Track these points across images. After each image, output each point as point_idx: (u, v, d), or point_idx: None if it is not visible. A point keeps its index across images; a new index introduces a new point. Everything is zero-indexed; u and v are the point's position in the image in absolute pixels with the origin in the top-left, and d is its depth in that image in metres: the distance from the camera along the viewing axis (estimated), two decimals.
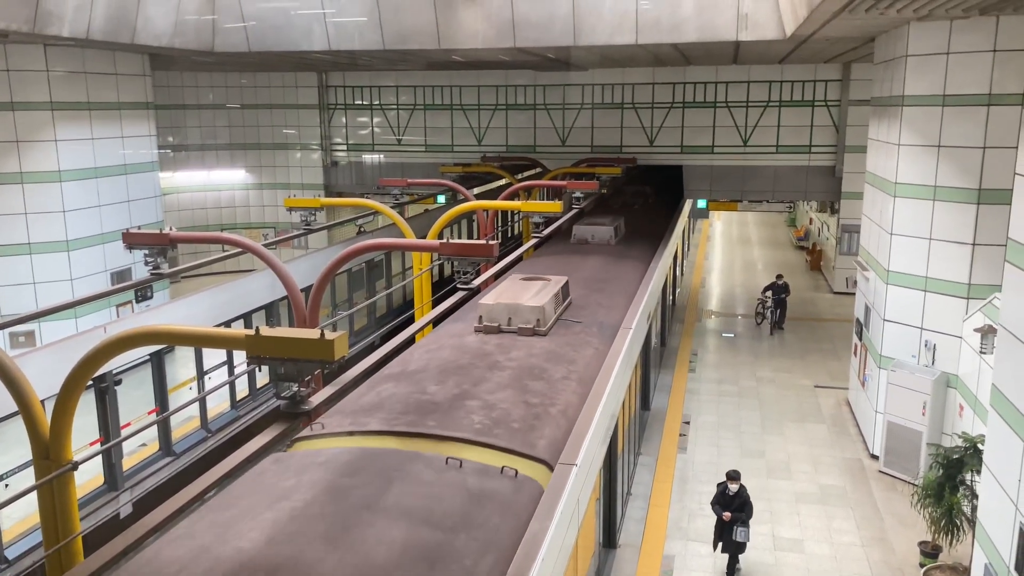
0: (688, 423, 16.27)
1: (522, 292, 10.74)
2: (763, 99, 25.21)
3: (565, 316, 11.16)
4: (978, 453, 10.47)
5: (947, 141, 12.81)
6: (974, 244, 12.65)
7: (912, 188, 13.40)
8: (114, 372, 11.22)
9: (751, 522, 11.01)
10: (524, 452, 6.87)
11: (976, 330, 11.64)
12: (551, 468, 6.74)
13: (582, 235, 17.37)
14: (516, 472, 6.45)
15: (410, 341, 8.42)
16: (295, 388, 5.84)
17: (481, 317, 10.29)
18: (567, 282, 11.78)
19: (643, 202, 23.69)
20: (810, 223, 36.74)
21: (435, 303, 14.62)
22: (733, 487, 11.05)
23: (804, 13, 12.51)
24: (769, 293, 23.23)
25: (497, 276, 12.79)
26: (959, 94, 12.57)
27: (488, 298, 10.49)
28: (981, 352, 11.52)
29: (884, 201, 14.35)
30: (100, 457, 11.08)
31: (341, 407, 7.84)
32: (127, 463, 11.65)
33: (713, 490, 11.53)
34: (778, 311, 23.01)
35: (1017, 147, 8.16)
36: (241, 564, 4.79)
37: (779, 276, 23.47)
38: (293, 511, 5.46)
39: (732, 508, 10.91)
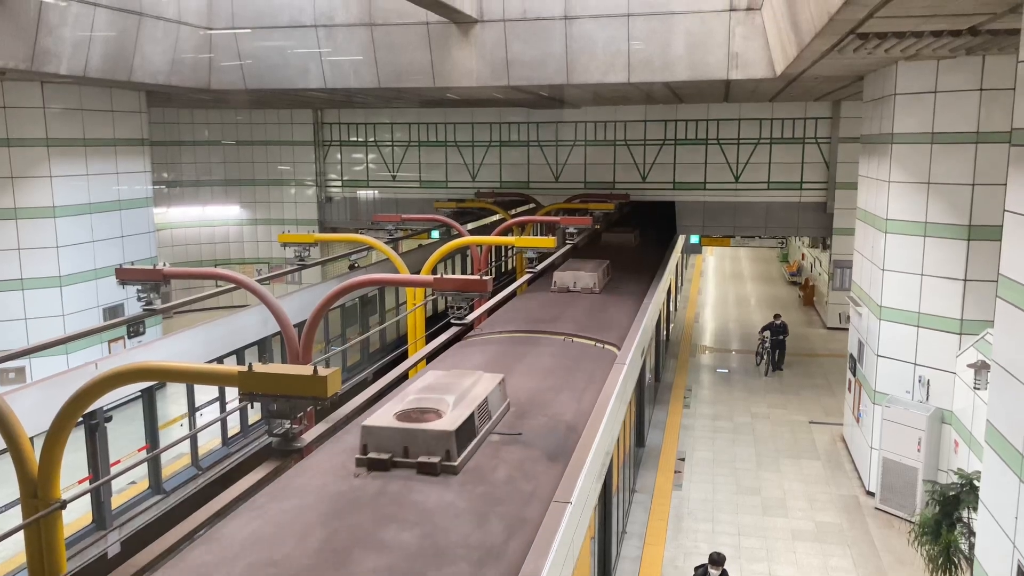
0: (683, 459, 16.17)
1: (433, 399, 7.34)
2: (754, 136, 25.48)
3: (499, 429, 7.94)
4: (974, 490, 10.41)
5: (936, 178, 12.94)
6: (965, 280, 12.72)
7: (903, 224, 13.49)
8: (104, 409, 11.12)
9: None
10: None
11: (969, 366, 11.66)
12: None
13: (563, 282, 15.80)
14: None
15: (403, 377, 8.38)
16: (287, 425, 5.79)
17: (366, 446, 6.87)
18: (502, 380, 8.43)
19: (635, 239, 23.18)
20: (802, 259, 36.92)
21: (429, 339, 14.58)
22: (714, 572, 10.10)
23: (794, 52, 12.70)
24: (767, 333, 22.60)
25: (491, 312, 12.75)
26: (947, 132, 12.73)
27: (379, 414, 7.13)
28: (975, 388, 11.51)
29: (875, 237, 14.44)
30: (88, 495, 10.93)
31: None
32: (116, 501, 11.50)
33: (709, 528, 11.41)
34: (776, 352, 22.40)
35: (1006, 184, 8.25)
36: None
37: (777, 316, 22.92)
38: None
39: None
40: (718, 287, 37.98)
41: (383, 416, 7.01)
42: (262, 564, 5.39)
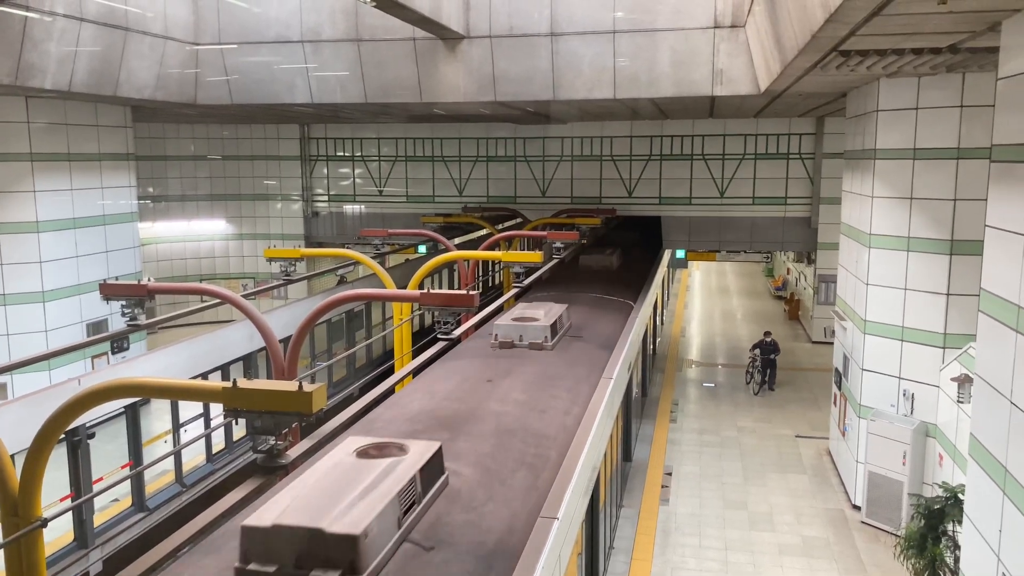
0: (670, 474, 16.17)
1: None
2: (739, 152, 25.67)
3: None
4: (959, 503, 10.46)
5: (919, 193, 13.08)
6: (948, 294, 12.83)
7: (886, 239, 13.61)
8: (87, 425, 11.01)
9: None
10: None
11: (953, 379, 11.74)
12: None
13: (507, 335, 12.02)
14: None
15: (390, 391, 8.34)
16: (272, 441, 5.76)
17: (247, 552, 5.27)
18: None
19: (615, 261, 21.23)
20: (787, 273, 37.14)
21: (416, 353, 14.55)
22: None
23: (777, 69, 12.82)
24: (757, 351, 22.13)
25: (478, 326, 12.68)
26: (929, 148, 12.88)
27: (267, 508, 5.52)
28: (959, 401, 11.59)
29: (859, 252, 14.56)
30: (70, 513, 10.81)
31: None
32: (98, 519, 11.37)
33: (696, 543, 11.40)
34: (767, 371, 21.93)
35: (987, 199, 8.35)
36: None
37: (767, 333, 22.63)
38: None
39: None
40: (704, 301, 38.11)
41: (269, 512, 5.44)
42: None
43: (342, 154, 29.89)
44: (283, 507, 5.46)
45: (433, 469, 6.57)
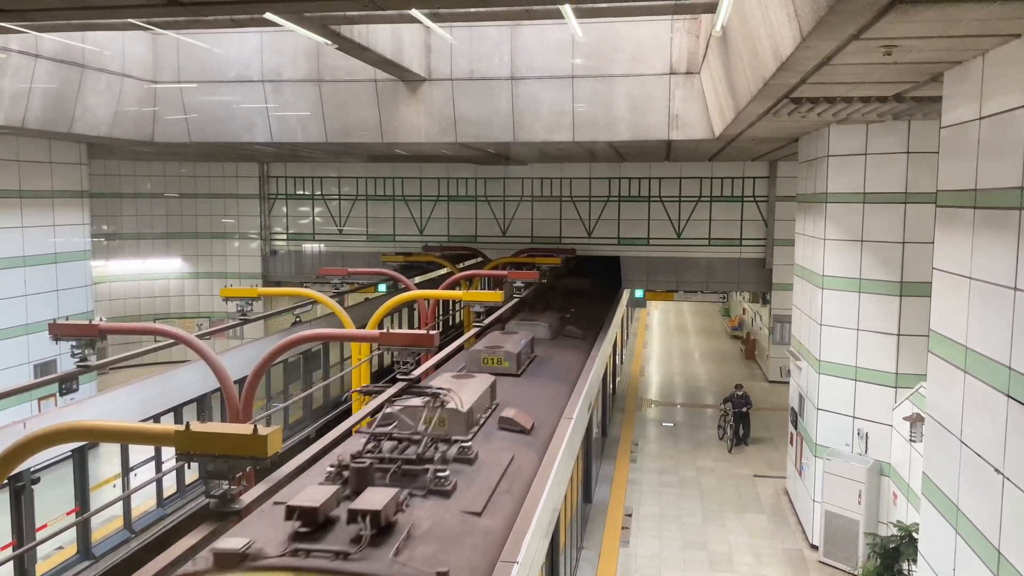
0: (630, 515, 16.12)
1: None
2: (695, 194, 26.16)
3: None
4: (913, 542, 10.59)
5: (869, 236, 13.43)
6: (899, 335, 13.12)
7: (838, 280, 13.91)
8: (32, 470, 10.65)
9: None
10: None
11: (905, 418, 11.95)
12: None
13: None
14: None
15: (347, 434, 8.23)
16: (225, 486, 5.64)
17: None
18: None
19: (552, 326, 16.37)
20: (744, 313, 37.68)
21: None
22: None
23: (731, 115, 13.15)
24: (728, 405, 20.89)
25: (437, 366, 12.62)
26: (878, 192, 13.26)
27: None
28: (911, 440, 11.80)
29: (813, 293, 14.85)
30: (11, 563, 10.38)
31: None
32: (41, 568, 10.94)
33: None
34: (740, 426, 20.68)
35: (933, 243, 8.61)
36: None
37: (738, 386, 21.29)
38: None
39: None
40: (663, 340, 38.43)
41: None
42: None
43: (302, 192, 29.78)
44: None
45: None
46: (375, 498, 5.95)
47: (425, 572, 5.44)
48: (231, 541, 5.47)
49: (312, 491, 6.08)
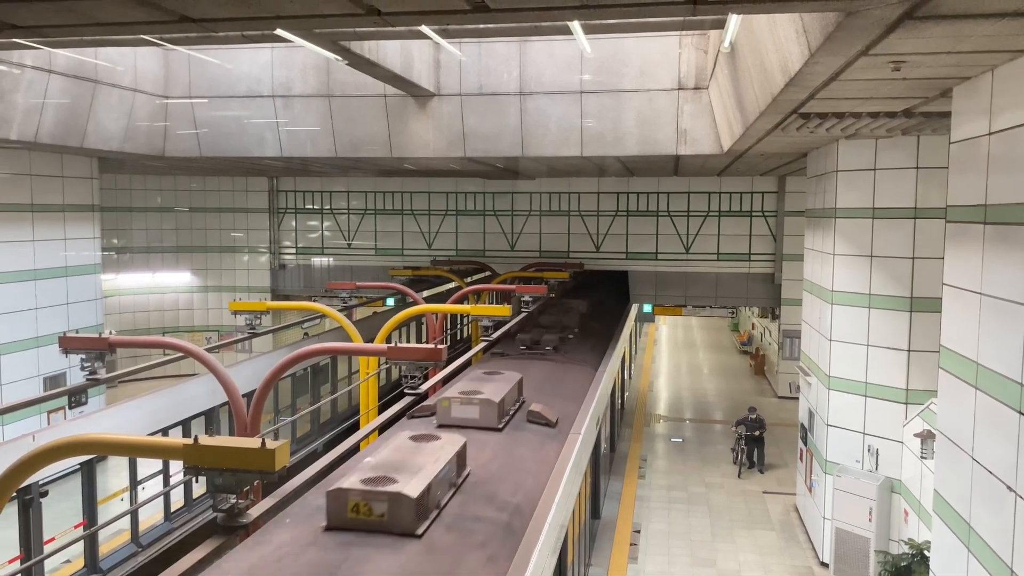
0: (639, 532, 16.02)
1: None
2: (703, 209, 26.15)
3: None
4: (925, 560, 10.48)
5: (879, 251, 13.38)
6: (909, 350, 13.05)
7: (848, 296, 13.86)
8: (40, 483, 10.66)
9: None
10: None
11: (916, 435, 11.86)
12: None
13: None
14: None
15: (355, 449, 8.21)
16: (233, 500, 5.63)
17: None
18: None
19: (555, 346, 15.25)
20: (753, 328, 37.54)
21: (382, 408, 14.37)
22: None
23: (739, 130, 13.16)
24: (742, 428, 19.95)
25: (445, 381, 12.60)
26: (888, 207, 13.23)
27: None
28: (922, 457, 11.70)
29: (822, 308, 14.79)
30: None
31: None
32: None
33: None
34: (754, 450, 19.89)
35: (943, 258, 8.57)
36: None
37: (751, 409, 20.30)
38: None
39: None
40: (671, 355, 38.30)
41: None
42: None
43: (311, 206, 29.92)
44: None
45: None
46: None
47: None
48: None
49: None
